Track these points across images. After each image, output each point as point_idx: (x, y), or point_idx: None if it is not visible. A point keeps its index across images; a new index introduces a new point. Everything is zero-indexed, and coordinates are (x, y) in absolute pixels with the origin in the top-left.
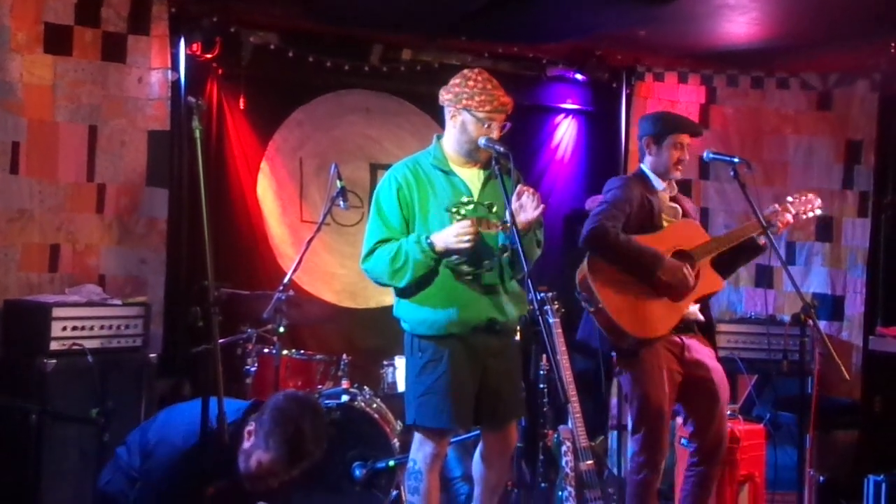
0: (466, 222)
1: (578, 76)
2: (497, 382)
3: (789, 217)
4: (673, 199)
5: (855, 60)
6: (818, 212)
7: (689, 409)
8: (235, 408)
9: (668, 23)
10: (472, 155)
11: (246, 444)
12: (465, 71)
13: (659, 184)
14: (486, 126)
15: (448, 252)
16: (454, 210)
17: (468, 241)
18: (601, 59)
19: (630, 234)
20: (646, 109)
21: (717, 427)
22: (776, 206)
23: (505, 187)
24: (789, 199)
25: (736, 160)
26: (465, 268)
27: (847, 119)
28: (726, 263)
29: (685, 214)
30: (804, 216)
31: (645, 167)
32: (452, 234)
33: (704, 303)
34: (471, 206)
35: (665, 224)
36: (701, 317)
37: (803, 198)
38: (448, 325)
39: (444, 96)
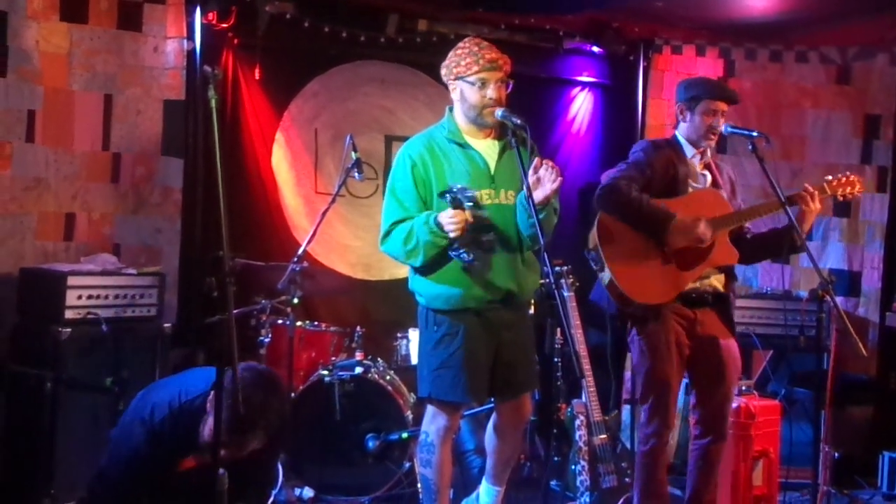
0: (453, 211)
1: (595, 49)
2: (512, 354)
3: (818, 204)
4: (707, 167)
5: (874, 34)
6: (858, 193)
7: (694, 380)
8: (197, 388)
9: None
10: (479, 122)
11: (209, 417)
12: (458, 43)
13: (690, 151)
14: (479, 87)
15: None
16: (448, 197)
17: (454, 230)
18: (618, 32)
19: (652, 199)
20: (663, 83)
21: (719, 403)
22: (808, 186)
23: (521, 159)
24: (828, 178)
25: (755, 134)
26: (461, 253)
27: (866, 93)
28: (754, 249)
29: (715, 184)
30: (844, 197)
31: (679, 133)
32: (444, 221)
33: (729, 275)
34: (464, 194)
35: (690, 192)
36: (720, 288)
37: (843, 178)
38: (464, 300)
39: (442, 72)
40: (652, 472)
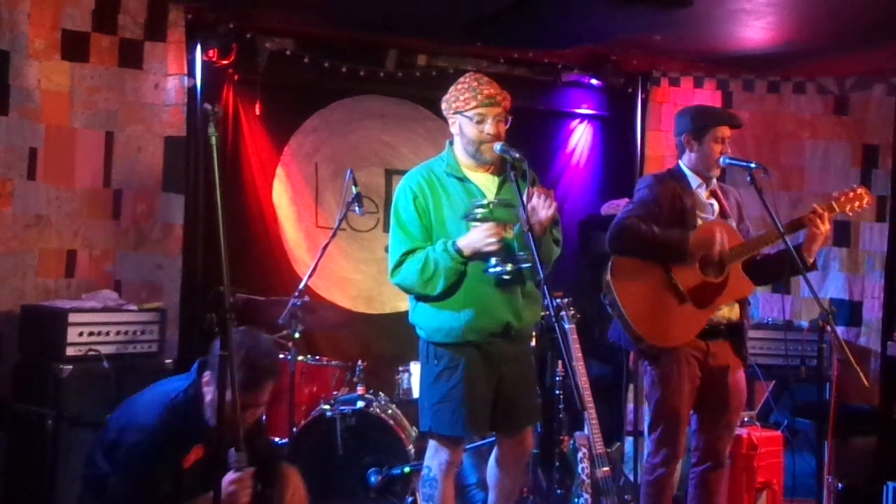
0: (490, 224)
1: (594, 81)
2: (513, 389)
3: (827, 225)
4: (713, 195)
5: (871, 64)
6: (866, 206)
7: (698, 407)
8: (175, 388)
9: (683, 27)
10: (477, 157)
11: (208, 396)
12: (460, 77)
13: (695, 181)
14: (477, 122)
15: (477, 255)
16: (470, 217)
17: (495, 242)
18: (616, 65)
19: None
20: (661, 115)
21: (721, 431)
22: (817, 207)
23: (520, 192)
24: (834, 194)
25: (753, 165)
26: (498, 269)
27: (864, 123)
28: (761, 270)
29: (723, 214)
30: (853, 212)
31: (683, 164)
32: (478, 237)
33: (743, 303)
34: (486, 209)
35: (699, 223)
36: (734, 318)
37: (851, 193)
38: (464, 333)
39: (442, 106)
40: (657, 503)
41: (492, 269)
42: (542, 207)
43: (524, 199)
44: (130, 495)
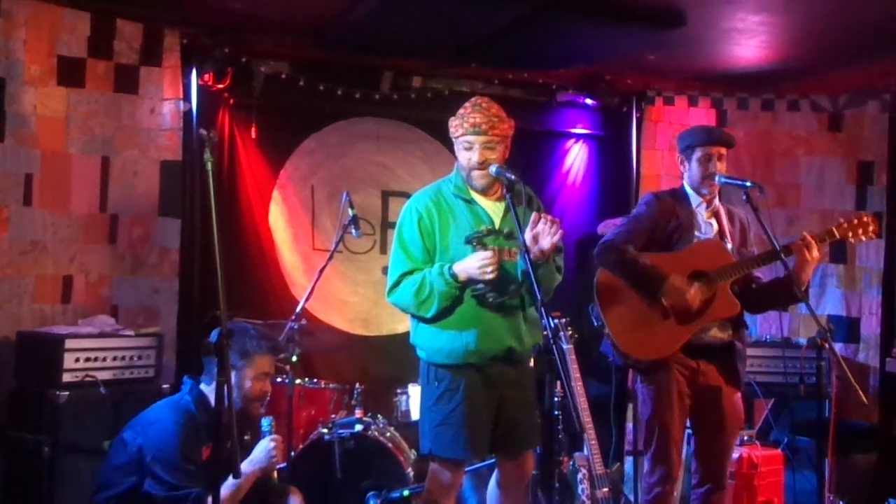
0: (488, 252)
1: (588, 101)
2: (514, 412)
3: (816, 253)
4: (715, 215)
5: (864, 81)
6: (873, 235)
7: (695, 430)
8: (179, 397)
9: (676, 47)
10: (470, 182)
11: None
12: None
13: (696, 200)
14: (465, 149)
15: (472, 281)
16: (474, 241)
17: (491, 271)
18: (611, 84)
19: (655, 251)
20: (656, 133)
21: (718, 453)
22: (806, 235)
23: (517, 215)
24: (840, 220)
25: (748, 184)
26: (490, 296)
27: (858, 140)
28: (759, 298)
29: (721, 234)
30: (857, 240)
31: (685, 183)
32: (475, 265)
33: (738, 324)
34: (490, 236)
35: (695, 241)
36: (724, 338)
37: (856, 220)
38: (465, 355)
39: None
40: None
41: (478, 289)
42: (546, 234)
43: (519, 221)
44: (172, 487)
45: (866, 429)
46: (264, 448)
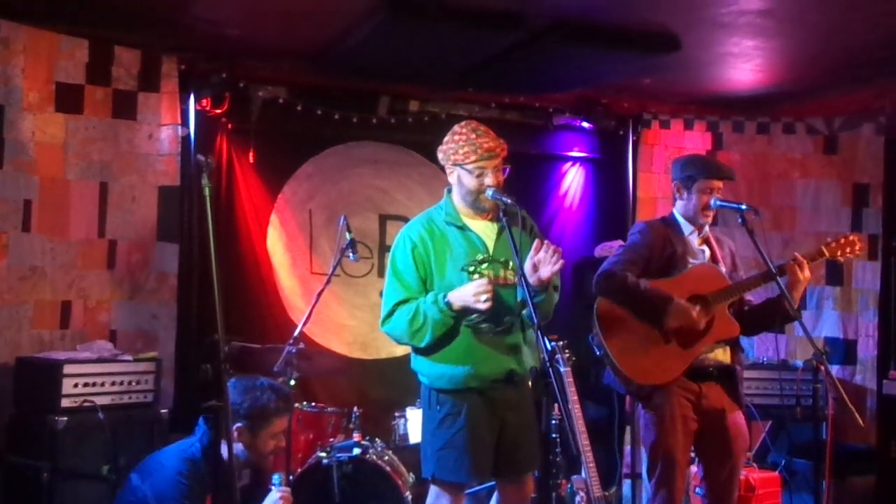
0: (483, 281)
1: (585, 124)
2: (516, 434)
3: (807, 273)
4: (706, 242)
5: (859, 104)
6: (859, 252)
7: (702, 455)
8: (190, 443)
9: (672, 71)
10: (477, 206)
11: (240, 444)
12: (455, 126)
13: (687, 228)
14: (477, 175)
15: (466, 311)
16: (470, 269)
17: (486, 299)
18: (607, 108)
19: (651, 278)
20: (652, 157)
21: (727, 477)
22: (797, 256)
23: (513, 239)
24: (828, 240)
25: (744, 207)
26: (484, 325)
27: (853, 162)
28: (753, 320)
29: (713, 259)
30: (845, 258)
31: (676, 211)
32: (470, 294)
33: (735, 346)
34: (486, 264)
35: (689, 268)
36: (725, 361)
37: (843, 239)
38: (467, 379)
39: (439, 156)
40: None
41: (472, 319)
42: (548, 262)
43: (515, 245)
44: None
45: (864, 451)
46: (272, 501)
